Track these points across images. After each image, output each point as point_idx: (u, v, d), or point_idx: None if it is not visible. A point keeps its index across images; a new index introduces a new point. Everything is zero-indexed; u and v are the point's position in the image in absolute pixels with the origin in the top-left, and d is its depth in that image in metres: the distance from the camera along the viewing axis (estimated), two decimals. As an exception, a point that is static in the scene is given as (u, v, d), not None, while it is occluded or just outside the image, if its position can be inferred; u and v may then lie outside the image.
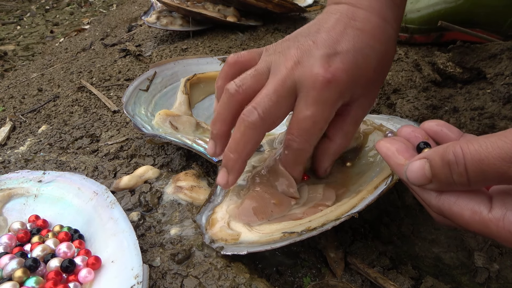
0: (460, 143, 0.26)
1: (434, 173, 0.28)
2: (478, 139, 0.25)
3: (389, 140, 0.34)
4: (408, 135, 0.35)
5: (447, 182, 0.27)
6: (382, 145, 0.34)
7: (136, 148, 0.60)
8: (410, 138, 0.35)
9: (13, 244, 0.41)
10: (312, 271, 0.43)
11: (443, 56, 0.74)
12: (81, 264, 0.38)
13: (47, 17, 2.02)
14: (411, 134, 0.35)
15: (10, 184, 0.49)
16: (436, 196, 0.29)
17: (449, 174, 0.27)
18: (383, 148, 0.34)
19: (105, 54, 1.07)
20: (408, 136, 0.35)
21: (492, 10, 0.74)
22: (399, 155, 0.32)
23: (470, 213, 0.27)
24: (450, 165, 0.26)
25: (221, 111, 0.42)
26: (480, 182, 0.26)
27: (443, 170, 0.27)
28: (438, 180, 0.28)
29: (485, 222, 0.26)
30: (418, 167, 0.29)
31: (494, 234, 0.26)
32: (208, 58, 0.71)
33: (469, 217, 0.27)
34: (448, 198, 0.28)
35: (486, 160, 0.24)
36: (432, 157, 0.28)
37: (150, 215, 0.48)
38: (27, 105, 0.83)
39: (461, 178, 0.26)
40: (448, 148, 0.27)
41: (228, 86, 0.41)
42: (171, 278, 0.39)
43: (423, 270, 0.44)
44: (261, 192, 0.44)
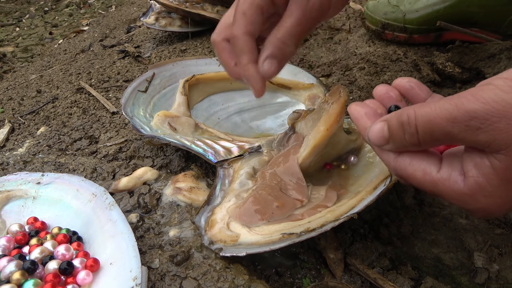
0: (414, 106, 0.28)
1: (391, 134, 0.30)
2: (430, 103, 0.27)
3: (360, 104, 0.35)
4: (383, 95, 0.36)
5: (401, 143, 0.29)
6: (353, 109, 0.35)
7: (135, 149, 0.60)
8: (384, 99, 0.36)
9: (11, 246, 0.41)
10: (311, 272, 0.43)
11: (442, 56, 0.74)
12: (79, 266, 0.38)
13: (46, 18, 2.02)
14: (385, 94, 0.36)
15: (9, 186, 0.49)
16: (394, 158, 0.31)
17: (402, 134, 0.29)
18: (354, 112, 0.35)
19: (104, 56, 1.07)
20: (382, 97, 0.36)
21: (490, 10, 0.74)
22: (367, 119, 0.34)
23: (421, 174, 0.29)
24: (403, 126, 0.28)
25: None
26: (429, 142, 0.28)
27: (397, 131, 0.29)
28: (393, 141, 0.30)
29: (434, 182, 0.29)
30: (378, 129, 0.31)
31: (441, 192, 0.29)
32: (207, 59, 0.71)
33: (421, 177, 0.29)
34: (404, 160, 0.30)
35: (433, 120, 0.26)
36: (389, 119, 0.30)
37: (149, 216, 0.48)
38: (26, 106, 0.83)
39: (413, 138, 0.28)
40: (404, 110, 0.29)
41: None
42: (170, 280, 0.39)
43: (422, 271, 0.43)
44: (265, 194, 0.43)
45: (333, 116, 0.44)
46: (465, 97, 0.25)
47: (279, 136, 0.53)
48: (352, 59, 0.81)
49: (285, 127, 0.61)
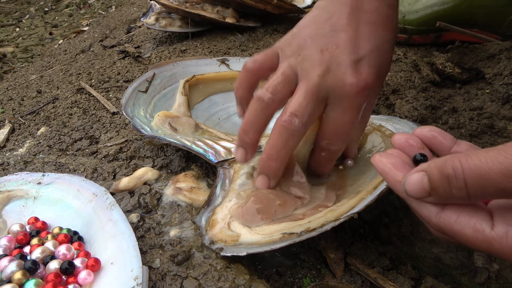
0: (459, 157, 0.26)
1: (433, 186, 0.27)
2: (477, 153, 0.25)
3: (385, 154, 0.33)
4: (403, 144, 0.35)
5: (446, 196, 0.27)
6: (378, 161, 0.33)
7: (136, 149, 0.60)
8: (405, 148, 0.35)
9: (13, 246, 0.41)
10: (312, 272, 0.43)
11: (442, 57, 0.74)
12: (80, 266, 0.38)
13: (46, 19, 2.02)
14: (405, 143, 0.35)
15: (9, 186, 0.49)
16: (437, 214, 0.28)
17: (448, 188, 0.26)
18: (379, 164, 0.33)
19: (104, 56, 1.07)
20: (403, 145, 0.35)
21: (490, 10, 0.74)
22: (397, 170, 0.32)
23: (472, 232, 0.27)
24: (449, 179, 0.26)
25: (254, 120, 0.42)
26: (479, 196, 0.26)
27: (442, 184, 0.27)
28: (437, 194, 0.28)
29: (488, 240, 0.26)
30: (417, 180, 0.28)
31: (497, 251, 0.26)
32: (207, 59, 0.72)
33: (471, 235, 0.27)
34: (449, 216, 0.28)
35: (486, 175, 0.24)
36: (430, 170, 0.28)
37: (149, 216, 0.48)
38: (26, 107, 0.83)
39: (461, 193, 0.26)
40: (447, 162, 0.26)
41: (261, 95, 0.42)
42: (170, 279, 0.39)
43: (423, 271, 0.44)
44: (266, 192, 0.44)
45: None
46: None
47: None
48: (352, 60, 0.81)
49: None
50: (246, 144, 0.44)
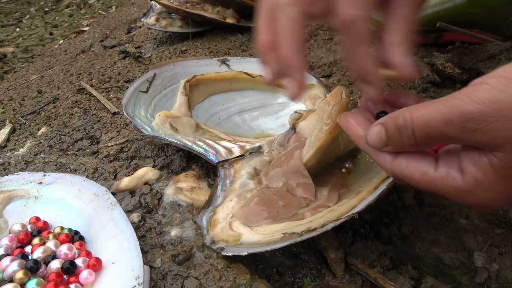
0: (410, 109, 0.29)
1: (388, 137, 0.31)
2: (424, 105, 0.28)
3: (349, 113, 0.37)
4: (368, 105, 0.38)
5: (399, 144, 0.30)
6: (342, 119, 0.37)
7: (136, 149, 0.60)
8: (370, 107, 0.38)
9: (14, 245, 0.42)
10: (312, 272, 0.43)
11: (442, 57, 0.74)
12: (82, 266, 0.38)
13: (46, 19, 2.02)
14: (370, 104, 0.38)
15: (11, 186, 0.49)
16: (391, 161, 0.32)
17: (400, 137, 0.29)
18: (343, 121, 0.36)
19: (105, 56, 1.07)
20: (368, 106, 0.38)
21: (490, 11, 0.74)
22: (358, 126, 0.35)
23: (419, 174, 0.30)
24: (400, 129, 0.29)
25: None
26: (426, 143, 0.29)
27: (395, 133, 0.30)
28: (392, 143, 0.31)
29: (432, 181, 0.29)
30: (376, 132, 0.32)
31: (440, 190, 0.29)
32: (207, 59, 0.72)
33: (419, 177, 0.30)
34: (400, 163, 0.31)
35: (430, 123, 0.27)
36: (386, 122, 0.31)
37: (150, 216, 0.48)
38: (27, 107, 0.83)
39: (410, 140, 0.29)
40: (399, 113, 0.29)
41: None
42: (171, 279, 0.39)
43: (423, 271, 0.44)
44: (270, 193, 0.44)
45: (336, 119, 0.45)
46: (459, 98, 0.26)
47: (280, 136, 0.53)
48: (352, 60, 0.81)
49: (285, 127, 0.61)
50: None
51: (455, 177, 0.28)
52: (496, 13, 0.74)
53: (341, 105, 0.46)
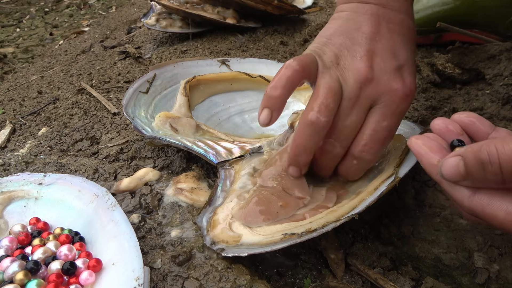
0: (495, 143, 0.26)
1: (468, 171, 0.28)
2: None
3: (422, 138, 0.34)
4: (442, 129, 0.35)
5: (480, 180, 0.28)
6: (414, 143, 0.34)
7: (136, 150, 0.60)
8: (444, 133, 0.35)
9: (14, 246, 0.42)
10: (312, 272, 0.43)
11: (442, 57, 0.74)
12: (82, 267, 0.38)
13: (46, 19, 2.02)
14: (445, 128, 0.35)
15: (11, 186, 0.49)
16: (469, 197, 0.29)
17: (483, 172, 0.27)
18: (415, 146, 0.33)
19: (105, 56, 1.07)
20: (442, 131, 0.35)
21: (490, 11, 0.74)
22: (432, 154, 0.32)
23: (504, 214, 0.27)
24: (483, 164, 0.27)
25: (306, 144, 0.41)
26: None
27: (477, 168, 0.27)
28: (472, 178, 0.28)
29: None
30: (453, 164, 0.29)
31: None
32: (207, 60, 0.72)
33: (503, 218, 0.27)
34: (481, 199, 0.28)
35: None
36: (465, 155, 0.28)
37: (150, 217, 0.48)
38: (27, 107, 0.83)
39: (496, 177, 0.27)
40: (482, 147, 0.27)
41: (314, 120, 0.39)
42: (172, 280, 0.39)
43: (423, 271, 0.44)
44: (268, 194, 0.44)
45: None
46: None
47: (280, 136, 0.53)
48: (352, 60, 0.81)
49: (285, 127, 0.61)
50: (300, 164, 0.44)
51: None
52: (496, 13, 0.74)
53: None
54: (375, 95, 0.40)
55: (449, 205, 0.48)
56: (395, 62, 0.41)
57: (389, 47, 0.42)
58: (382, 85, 0.40)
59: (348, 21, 0.44)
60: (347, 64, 0.41)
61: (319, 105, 0.40)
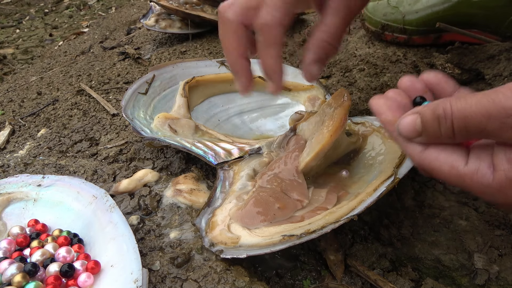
0: (450, 100, 0.28)
1: (424, 127, 0.30)
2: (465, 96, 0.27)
3: (382, 97, 0.35)
4: (408, 86, 0.36)
5: (434, 135, 0.29)
6: (375, 103, 0.35)
7: (135, 151, 0.60)
8: (409, 89, 0.36)
9: (13, 248, 0.41)
10: (312, 274, 0.43)
11: (441, 58, 0.74)
12: (80, 269, 0.38)
13: (46, 20, 2.02)
14: (410, 86, 0.36)
15: (9, 188, 0.49)
16: (420, 152, 0.31)
17: (438, 127, 0.29)
18: (375, 105, 0.35)
19: (104, 57, 1.07)
20: (408, 87, 0.36)
21: (490, 11, 0.74)
22: (390, 112, 0.34)
23: (448, 168, 0.29)
24: (439, 119, 0.28)
25: None
26: (463, 136, 0.28)
27: (433, 124, 0.29)
28: (427, 133, 0.30)
29: (461, 176, 0.28)
30: (410, 121, 0.30)
31: (467, 186, 0.28)
32: (207, 61, 0.71)
33: (447, 171, 0.29)
34: (430, 154, 0.30)
35: (469, 116, 0.26)
36: (423, 112, 0.30)
37: (149, 218, 0.48)
38: (26, 108, 0.83)
39: (448, 131, 0.28)
40: (439, 104, 0.28)
41: None
42: (170, 282, 0.39)
43: (423, 272, 0.43)
44: (266, 195, 0.44)
45: (338, 122, 0.45)
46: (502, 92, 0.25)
47: (279, 137, 0.53)
48: (351, 61, 0.81)
49: (284, 128, 0.61)
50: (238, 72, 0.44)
51: (485, 173, 0.27)
52: (495, 14, 0.73)
53: (343, 107, 0.45)
54: None
55: (449, 205, 0.48)
56: None
57: None
58: None
59: None
60: None
61: None
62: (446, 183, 0.31)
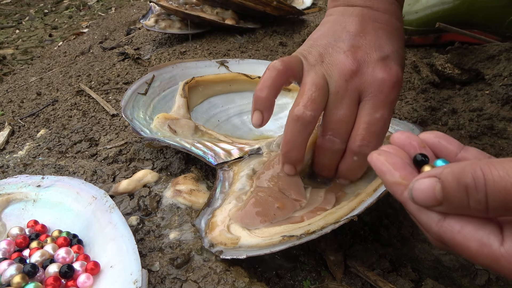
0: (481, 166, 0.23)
1: (446, 196, 0.24)
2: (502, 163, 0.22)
3: (383, 153, 0.30)
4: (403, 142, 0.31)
5: (460, 207, 0.24)
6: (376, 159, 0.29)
7: (135, 152, 0.60)
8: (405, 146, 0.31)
9: (12, 249, 0.41)
10: (311, 275, 0.43)
11: (441, 58, 0.74)
12: (80, 270, 0.38)
13: (45, 21, 2.02)
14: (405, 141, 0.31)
15: (9, 189, 0.49)
16: (438, 222, 0.25)
17: (465, 199, 0.23)
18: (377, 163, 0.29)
19: (104, 58, 1.07)
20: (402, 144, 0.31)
21: (490, 11, 0.74)
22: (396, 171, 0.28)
23: (477, 245, 0.24)
24: (467, 189, 0.23)
25: (295, 140, 0.42)
26: (500, 212, 0.23)
27: (459, 194, 0.24)
28: (449, 204, 0.24)
29: (496, 257, 0.23)
30: (428, 187, 0.25)
31: (506, 270, 0.23)
32: (206, 61, 0.71)
33: (475, 250, 0.24)
34: (452, 226, 0.25)
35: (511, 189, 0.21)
36: (444, 177, 0.24)
37: (149, 219, 0.48)
38: (26, 109, 0.83)
39: (479, 206, 0.23)
40: (466, 169, 0.23)
41: (301, 115, 0.40)
42: (170, 282, 0.39)
43: (423, 273, 0.43)
44: (265, 195, 0.44)
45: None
46: None
47: (279, 138, 0.53)
48: (351, 61, 0.81)
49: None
50: (292, 160, 0.44)
51: None
52: (495, 14, 0.73)
53: None
54: (361, 86, 0.41)
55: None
56: (379, 53, 0.42)
57: (373, 42, 0.42)
58: (368, 76, 0.41)
59: (335, 24, 0.45)
60: (332, 60, 0.42)
61: (305, 100, 0.41)
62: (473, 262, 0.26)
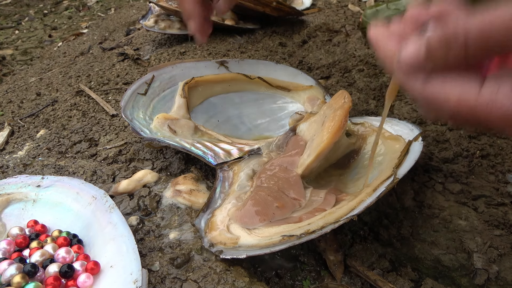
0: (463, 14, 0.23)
1: (430, 50, 0.24)
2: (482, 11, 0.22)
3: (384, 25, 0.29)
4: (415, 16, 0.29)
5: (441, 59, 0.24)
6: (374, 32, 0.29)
7: (135, 152, 0.60)
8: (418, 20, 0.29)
9: (12, 249, 0.41)
10: (311, 274, 0.43)
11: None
12: (80, 269, 0.38)
13: (45, 21, 2.02)
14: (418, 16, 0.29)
15: (9, 189, 0.49)
16: (423, 83, 0.26)
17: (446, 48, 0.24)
18: (374, 35, 0.29)
19: (104, 58, 1.07)
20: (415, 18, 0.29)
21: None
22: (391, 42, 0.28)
23: (456, 96, 0.24)
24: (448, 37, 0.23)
25: None
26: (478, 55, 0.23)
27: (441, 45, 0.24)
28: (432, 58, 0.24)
29: (473, 105, 0.23)
30: (414, 48, 0.25)
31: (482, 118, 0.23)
32: (206, 61, 0.71)
33: (455, 101, 0.24)
34: (434, 84, 0.25)
35: (490, 28, 0.21)
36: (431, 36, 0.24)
37: (149, 219, 0.48)
38: (25, 109, 0.83)
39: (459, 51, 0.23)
40: (449, 20, 0.23)
41: None
42: (170, 282, 0.39)
43: (422, 272, 0.44)
44: (264, 195, 0.44)
45: (338, 123, 0.45)
46: None
47: (278, 138, 0.53)
48: (351, 61, 0.81)
49: (284, 129, 0.61)
50: None
51: (508, 97, 0.22)
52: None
53: (343, 109, 0.46)
54: None
55: (448, 206, 0.48)
56: None
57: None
58: None
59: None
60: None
61: None
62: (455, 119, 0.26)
